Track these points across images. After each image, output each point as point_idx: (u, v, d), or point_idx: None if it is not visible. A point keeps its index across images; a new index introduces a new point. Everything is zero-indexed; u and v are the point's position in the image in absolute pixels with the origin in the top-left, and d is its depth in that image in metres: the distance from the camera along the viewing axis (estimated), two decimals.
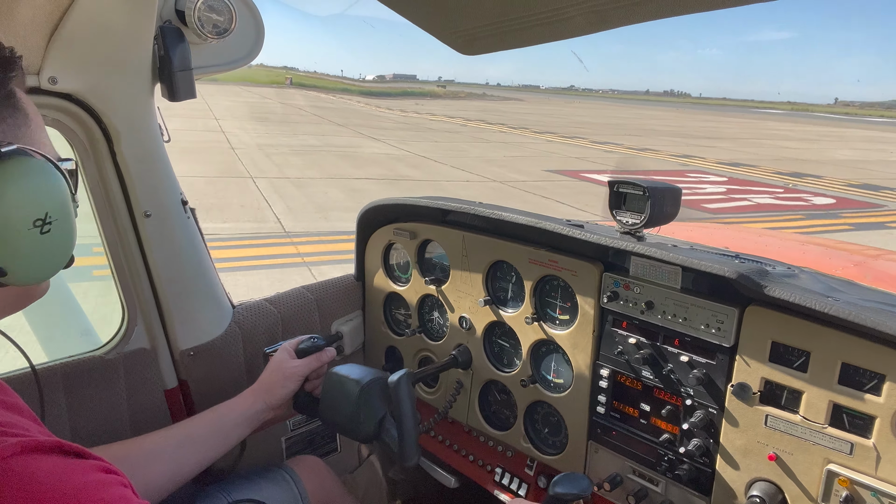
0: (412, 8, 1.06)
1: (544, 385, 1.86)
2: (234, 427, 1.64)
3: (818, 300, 1.26)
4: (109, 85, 1.57)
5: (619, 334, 1.66)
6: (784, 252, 3.22)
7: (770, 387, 1.39)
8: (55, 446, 0.75)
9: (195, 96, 1.69)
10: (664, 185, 1.60)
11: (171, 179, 1.77)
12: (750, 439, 1.42)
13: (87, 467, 0.75)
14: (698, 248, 1.70)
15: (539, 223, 1.69)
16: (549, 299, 1.82)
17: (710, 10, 0.87)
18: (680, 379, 1.55)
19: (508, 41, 1.12)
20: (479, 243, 1.93)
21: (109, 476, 0.76)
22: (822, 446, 1.31)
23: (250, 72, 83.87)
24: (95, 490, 0.72)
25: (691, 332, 1.50)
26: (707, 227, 6.78)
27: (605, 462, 1.74)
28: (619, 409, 1.69)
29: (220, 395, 1.90)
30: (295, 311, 2.12)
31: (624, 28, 0.96)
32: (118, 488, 0.75)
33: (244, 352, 1.99)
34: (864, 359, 1.24)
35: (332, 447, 2.31)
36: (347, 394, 1.59)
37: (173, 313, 1.82)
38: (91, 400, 1.68)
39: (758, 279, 1.33)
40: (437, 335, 2.14)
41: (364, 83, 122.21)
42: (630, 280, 1.61)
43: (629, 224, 1.60)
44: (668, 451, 1.59)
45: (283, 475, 1.78)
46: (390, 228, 2.17)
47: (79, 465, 0.75)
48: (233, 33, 1.68)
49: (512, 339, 1.93)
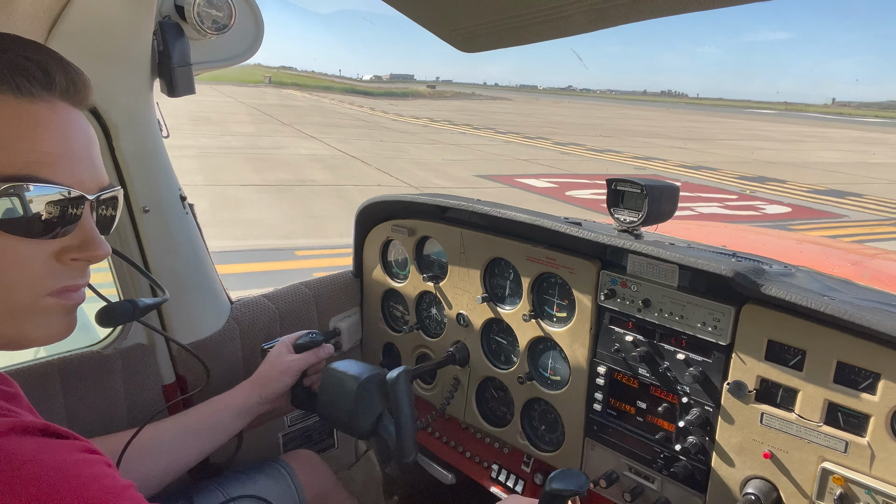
0: (412, 5, 1.06)
1: (541, 382, 1.87)
2: (230, 420, 1.64)
3: (814, 299, 1.26)
4: (108, 80, 1.56)
5: (616, 332, 1.66)
6: (781, 251, 3.23)
7: (766, 385, 1.40)
8: (42, 428, 0.77)
9: (194, 92, 1.69)
10: (662, 183, 1.60)
11: (169, 175, 1.77)
12: (745, 437, 1.43)
13: (71, 447, 0.77)
14: (695, 246, 1.71)
15: (537, 221, 1.69)
16: (547, 296, 1.83)
17: (709, 8, 0.87)
18: (676, 377, 1.56)
19: (508, 39, 1.13)
20: (477, 240, 1.93)
21: (93, 455, 0.78)
22: (817, 444, 1.32)
23: (230, 70, 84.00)
24: (77, 467, 0.74)
25: (688, 329, 1.51)
26: (705, 225, 6.78)
27: (602, 459, 1.75)
28: (615, 406, 1.70)
29: (217, 390, 1.90)
30: (293, 307, 2.12)
31: (623, 28, 0.96)
32: (101, 467, 0.77)
33: (242, 348, 1.99)
34: (860, 358, 1.25)
35: (329, 443, 2.31)
36: (345, 390, 1.60)
37: (171, 309, 1.82)
38: (89, 394, 1.68)
39: (754, 278, 1.34)
40: (435, 332, 2.15)
41: (361, 83, 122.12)
42: (627, 278, 1.61)
43: (627, 222, 1.60)
44: (664, 448, 1.60)
45: (279, 468, 1.78)
46: (388, 225, 2.17)
47: (62, 444, 0.77)
48: (232, 29, 1.67)
49: (509, 336, 1.93)
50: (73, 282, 0.85)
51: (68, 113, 0.84)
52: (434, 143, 25.93)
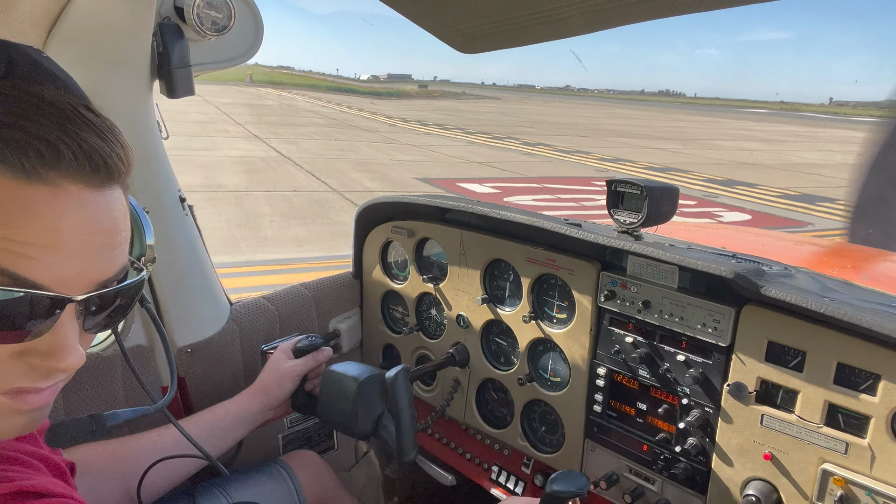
0: (412, 6, 1.06)
1: (541, 383, 1.86)
2: (232, 429, 1.65)
3: (814, 300, 1.26)
4: (108, 81, 1.56)
5: (616, 333, 1.66)
6: (781, 252, 3.22)
7: (766, 386, 1.39)
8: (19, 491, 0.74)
9: (194, 93, 1.69)
10: (662, 184, 1.60)
11: (169, 177, 1.77)
12: (746, 438, 1.43)
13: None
14: (695, 247, 1.71)
15: (537, 222, 1.69)
16: (547, 298, 1.82)
17: (710, 10, 0.87)
18: (676, 378, 1.55)
19: (507, 40, 1.13)
20: (477, 242, 1.93)
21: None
22: (818, 446, 1.32)
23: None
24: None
25: (688, 331, 1.51)
26: (705, 226, 6.79)
27: (602, 460, 1.74)
28: (615, 407, 1.70)
29: (217, 392, 1.90)
30: (292, 308, 2.12)
31: (622, 28, 0.96)
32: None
33: (241, 349, 1.99)
34: (860, 359, 1.25)
35: (328, 445, 2.31)
36: (345, 391, 1.60)
37: (171, 310, 1.82)
38: (88, 396, 1.68)
39: (754, 279, 1.34)
40: (435, 333, 2.14)
41: (358, 83, 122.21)
42: (627, 279, 1.61)
43: (626, 223, 1.60)
44: (665, 449, 1.60)
45: (279, 469, 1.78)
46: (388, 226, 2.17)
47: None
48: (232, 30, 1.68)
49: (509, 338, 1.93)
50: (31, 384, 0.74)
51: (75, 197, 0.71)
52: (392, 143, 24.97)
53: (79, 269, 0.72)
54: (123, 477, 1.46)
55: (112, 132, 0.75)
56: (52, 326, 0.72)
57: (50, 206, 0.69)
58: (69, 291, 0.72)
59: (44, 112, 0.70)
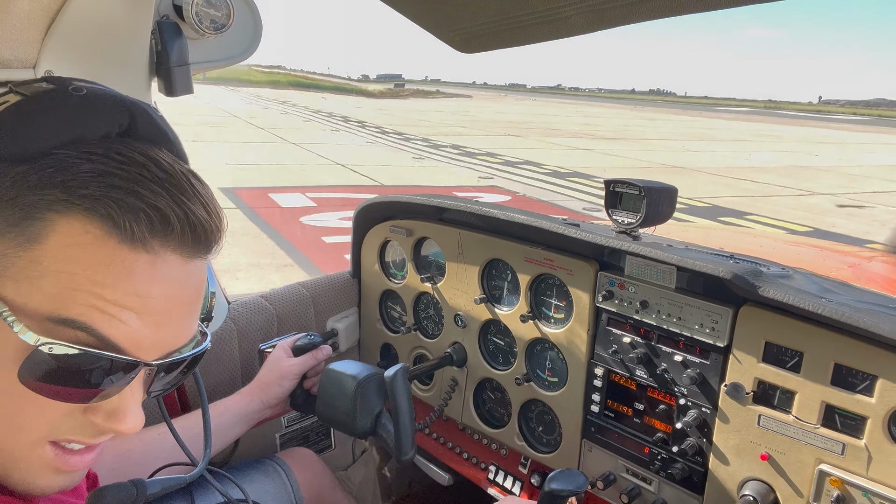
0: (410, 5, 1.06)
1: (539, 383, 1.86)
2: (230, 426, 1.64)
3: (812, 301, 1.26)
4: (106, 79, 1.55)
5: (614, 333, 1.66)
6: (779, 253, 3.23)
7: (763, 387, 1.40)
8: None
9: (192, 91, 1.69)
10: (661, 185, 1.60)
11: None
12: (742, 439, 1.43)
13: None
14: (693, 248, 1.71)
15: (535, 222, 1.69)
16: (545, 298, 1.82)
17: (709, 10, 0.87)
18: (674, 378, 1.55)
19: (506, 40, 1.12)
20: (474, 241, 1.93)
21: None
22: (814, 446, 1.32)
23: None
24: None
25: (686, 331, 1.51)
26: (703, 227, 6.80)
27: (599, 460, 1.74)
28: (613, 407, 1.70)
29: (214, 391, 1.90)
30: (290, 307, 2.12)
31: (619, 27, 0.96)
32: None
33: (239, 348, 1.98)
34: (857, 360, 1.25)
35: (326, 444, 2.31)
36: (344, 389, 1.60)
37: None
38: None
39: (752, 279, 1.34)
40: (433, 333, 2.14)
41: (349, 81, 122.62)
42: (625, 279, 1.61)
43: (625, 223, 1.60)
44: (662, 450, 1.60)
45: (275, 466, 1.78)
46: (386, 226, 2.17)
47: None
48: (230, 28, 1.67)
49: (507, 338, 1.93)
50: (83, 438, 0.75)
51: (171, 265, 0.73)
52: (272, 144, 22.07)
53: (159, 335, 0.74)
54: (127, 477, 1.46)
55: (213, 203, 0.77)
56: (122, 388, 0.73)
57: (147, 272, 0.70)
58: (144, 356, 0.73)
59: (158, 179, 0.71)
